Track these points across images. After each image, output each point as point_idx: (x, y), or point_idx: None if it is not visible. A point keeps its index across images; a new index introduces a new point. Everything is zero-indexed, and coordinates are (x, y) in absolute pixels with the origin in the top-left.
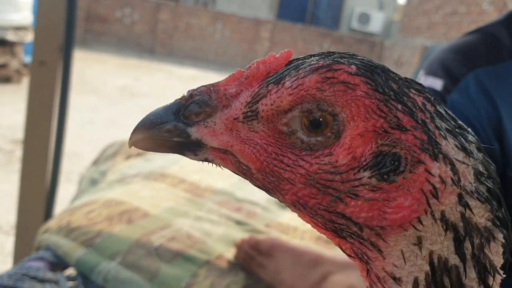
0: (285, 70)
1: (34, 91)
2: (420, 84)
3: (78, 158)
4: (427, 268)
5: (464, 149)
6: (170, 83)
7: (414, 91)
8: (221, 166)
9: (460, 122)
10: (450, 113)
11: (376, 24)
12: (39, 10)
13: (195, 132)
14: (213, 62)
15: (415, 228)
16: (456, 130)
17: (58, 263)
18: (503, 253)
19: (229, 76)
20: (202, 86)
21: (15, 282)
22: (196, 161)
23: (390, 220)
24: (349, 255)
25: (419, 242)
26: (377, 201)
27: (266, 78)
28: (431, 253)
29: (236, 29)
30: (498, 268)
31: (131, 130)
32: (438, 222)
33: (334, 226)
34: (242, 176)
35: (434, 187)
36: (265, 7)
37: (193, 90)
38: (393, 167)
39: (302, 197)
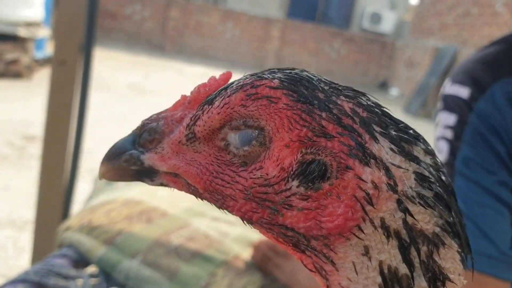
0: (219, 91)
1: (54, 91)
2: (355, 90)
3: (89, 154)
4: (379, 279)
5: (402, 152)
6: (180, 80)
7: (343, 98)
8: (177, 189)
9: (404, 125)
10: (393, 117)
11: (387, 24)
12: (60, 9)
13: (147, 159)
14: (223, 60)
15: (357, 236)
16: (395, 133)
17: (81, 261)
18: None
19: (175, 102)
20: (153, 115)
21: (40, 278)
22: None
23: (327, 229)
24: (310, 270)
25: (366, 252)
26: (310, 210)
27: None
28: (380, 263)
29: (247, 27)
30: (450, 275)
31: None
32: (379, 229)
33: (288, 239)
34: (195, 196)
35: (367, 193)
36: (276, 5)
37: (145, 119)
38: (318, 174)
39: (246, 212)
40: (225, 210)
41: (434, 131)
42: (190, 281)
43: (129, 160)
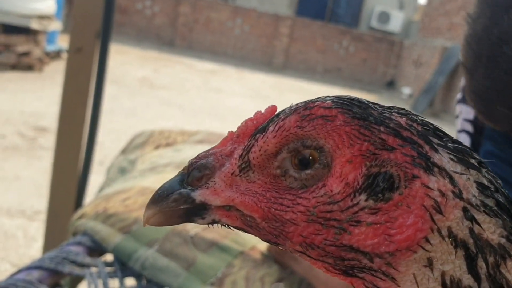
0: (270, 119)
1: (70, 78)
2: (404, 109)
3: (99, 146)
4: None
5: (462, 161)
6: (189, 76)
7: (396, 114)
8: (228, 226)
9: (455, 139)
10: (443, 130)
11: (395, 23)
12: None
13: (198, 196)
14: (232, 57)
15: (424, 249)
16: (450, 144)
17: (96, 249)
18: None
19: (223, 138)
20: (200, 153)
21: (56, 265)
22: None
23: (397, 242)
24: None
25: (429, 264)
26: (380, 224)
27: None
28: (443, 274)
29: (256, 24)
30: None
31: (152, 121)
32: (447, 239)
33: (344, 264)
34: (248, 231)
35: (436, 201)
36: (285, 3)
37: (193, 159)
38: (386, 186)
39: (308, 235)
40: (281, 241)
41: (456, 123)
42: (207, 271)
43: (179, 200)
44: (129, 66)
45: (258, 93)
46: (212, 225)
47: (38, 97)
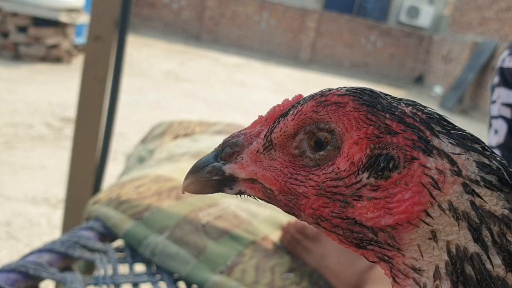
0: (292, 106)
1: (88, 66)
2: (412, 101)
3: (123, 138)
4: (446, 257)
5: (462, 144)
6: (214, 69)
7: (403, 104)
8: (252, 196)
9: (460, 128)
10: (447, 118)
11: (425, 18)
12: None
13: (228, 169)
14: (258, 51)
15: (425, 222)
16: (452, 131)
17: (107, 234)
18: None
19: (253, 121)
20: (233, 133)
21: (66, 249)
22: None
23: (396, 213)
24: (372, 261)
25: (433, 236)
26: (380, 199)
27: None
28: (448, 243)
29: (282, 18)
30: None
31: (176, 114)
32: (447, 212)
33: (353, 236)
34: (268, 201)
35: (433, 179)
36: None
37: (227, 138)
38: (386, 166)
39: (317, 208)
40: (296, 212)
41: (490, 109)
42: (217, 259)
43: (212, 171)
44: (155, 59)
45: (283, 87)
46: (240, 196)
47: (65, 88)
